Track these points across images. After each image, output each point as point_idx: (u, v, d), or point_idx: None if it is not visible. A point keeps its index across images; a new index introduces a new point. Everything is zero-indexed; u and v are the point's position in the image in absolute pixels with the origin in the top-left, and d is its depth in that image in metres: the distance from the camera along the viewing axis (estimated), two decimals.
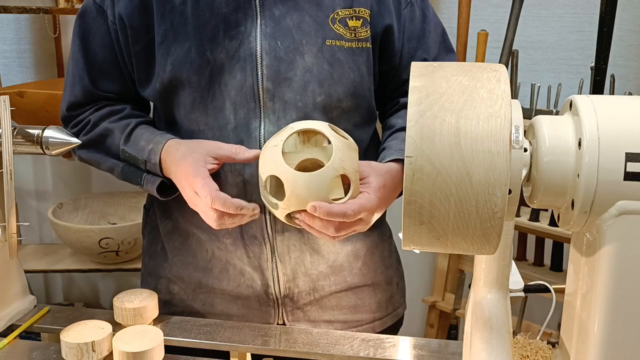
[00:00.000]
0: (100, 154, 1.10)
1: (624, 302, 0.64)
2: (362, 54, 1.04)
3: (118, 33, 1.05)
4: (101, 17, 1.06)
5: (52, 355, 0.97)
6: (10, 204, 0.92)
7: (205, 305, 1.14)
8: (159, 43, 1.03)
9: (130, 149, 1.05)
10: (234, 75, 1.01)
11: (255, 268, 1.09)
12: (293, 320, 1.13)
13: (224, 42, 1.00)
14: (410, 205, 0.59)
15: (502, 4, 2.11)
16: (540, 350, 0.90)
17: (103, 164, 1.10)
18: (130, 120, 1.09)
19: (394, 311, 1.22)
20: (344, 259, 1.13)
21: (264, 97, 1.01)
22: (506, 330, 0.78)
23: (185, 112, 1.05)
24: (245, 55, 1.00)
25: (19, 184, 2.40)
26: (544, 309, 2.03)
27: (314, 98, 1.02)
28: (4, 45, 2.35)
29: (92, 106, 1.12)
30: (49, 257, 2.18)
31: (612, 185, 0.61)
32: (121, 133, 1.07)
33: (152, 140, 1.04)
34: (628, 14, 1.98)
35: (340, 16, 1.03)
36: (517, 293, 0.89)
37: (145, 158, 1.03)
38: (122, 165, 1.07)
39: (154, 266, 1.19)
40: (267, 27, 1.01)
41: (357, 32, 1.03)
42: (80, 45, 1.09)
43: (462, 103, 0.59)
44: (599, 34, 1.50)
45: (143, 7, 1.03)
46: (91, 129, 1.10)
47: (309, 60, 1.01)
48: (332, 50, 1.02)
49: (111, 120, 1.09)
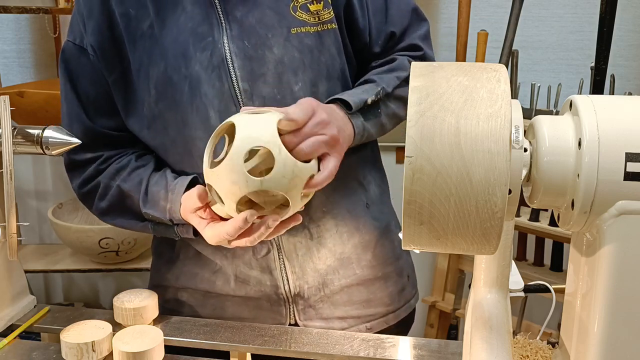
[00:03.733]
0: (126, 219, 1.10)
1: (624, 302, 0.64)
2: (330, 35, 1.05)
3: (100, 64, 1.05)
4: (83, 56, 1.05)
5: (52, 355, 0.97)
6: (10, 204, 0.92)
7: (216, 310, 1.14)
8: (136, 70, 1.03)
9: (152, 211, 1.05)
10: (212, 84, 1.01)
11: (263, 269, 1.09)
12: (305, 318, 1.13)
13: (196, 55, 1.01)
14: (410, 205, 0.59)
15: (502, 4, 2.11)
16: (540, 350, 0.90)
17: (134, 227, 1.10)
18: (141, 177, 1.07)
19: (407, 303, 1.22)
20: (352, 251, 1.13)
21: (242, 98, 1.01)
22: (506, 330, 0.78)
23: (177, 131, 1.04)
24: (218, 62, 1.01)
25: (19, 184, 2.40)
26: (544, 309, 2.03)
27: (290, 88, 1.02)
28: (4, 45, 2.35)
29: (94, 156, 1.10)
30: (49, 257, 2.18)
31: (612, 185, 0.61)
32: (137, 194, 1.06)
33: (168, 199, 1.03)
34: (628, 14, 1.98)
35: (300, 3, 1.03)
36: (517, 293, 0.89)
37: (170, 217, 1.03)
38: (152, 225, 1.08)
39: (160, 278, 1.19)
40: (233, 31, 1.01)
41: (320, 15, 1.04)
42: (70, 86, 1.08)
43: (462, 103, 0.59)
44: (599, 34, 1.50)
45: (113, 38, 1.03)
46: (105, 192, 1.09)
47: (278, 53, 1.02)
48: (299, 37, 1.02)
49: (122, 179, 1.08)
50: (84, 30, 1.04)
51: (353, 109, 1.00)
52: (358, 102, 1.01)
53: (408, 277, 1.23)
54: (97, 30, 1.03)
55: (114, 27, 1.03)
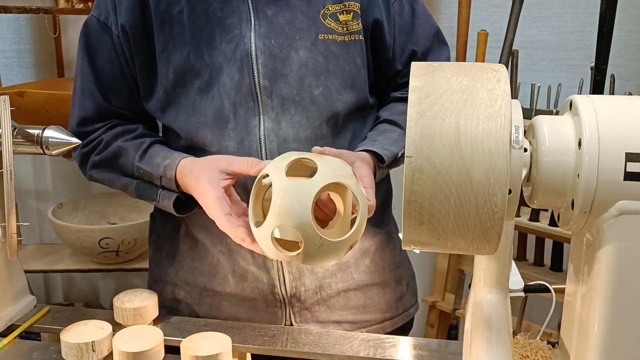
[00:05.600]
0: (114, 173, 1.09)
1: (624, 302, 0.64)
2: (356, 46, 1.06)
3: (123, 46, 1.06)
4: (105, 34, 1.07)
5: (52, 355, 0.97)
6: (10, 204, 0.92)
7: (212, 309, 1.14)
8: (159, 52, 1.04)
9: (145, 165, 1.05)
10: (232, 76, 1.02)
11: (260, 267, 1.09)
12: (301, 321, 1.13)
13: (221, 45, 1.02)
14: (410, 205, 0.59)
15: (502, 4, 2.11)
16: (540, 350, 0.90)
17: (116, 182, 1.09)
18: (144, 139, 1.09)
19: (405, 311, 1.22)
20: (351, 256, 1.13)
21: (261, 95, 1.03)
22: (506, 330, 0.78)
23: (186, 116, 1.05)
24: (242, 55, 1.02)
25: (19, 184, 2.40)
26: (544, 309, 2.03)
27: (311, 91, 1.04)
28: (4, 45, 2.35)
29: (104, 124, 1.11)
30: (49, 257, 2.18)
31: (612, 185, 0.61)
32: (135, 151, 1.07)
33: (168, 157, 1.04)
34: (628, 14, 1.98)
35: (330, 11, 1.05)
36: (517, 293, 0.89)
37: (161, 173, 1.03)
38: (137, 182, 1.07)
39: (159, 273, 1.19)
40: (261, 28, 1.03)
41: (349, 25, 1.05)
42: (87, 60, 1.09)
43: (462, 103, 0.59)
44: (599, 34, 1.50)
45: (144, 19, 1.04)
46: (104, 148, 1.09)
47: (303, 55, 1.03)
48: (326, 44, 1.04)
49: (125, 139, 1.09)
50: (114, 9, 1.05)
51: (385, 163, 1.03)
52: (390, 156, 1.04)
53: (407, 286, 1.23)
54: (129, 10, 1.04)
55: (146, 7, 1.04)
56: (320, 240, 0.82)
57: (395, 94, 1.16)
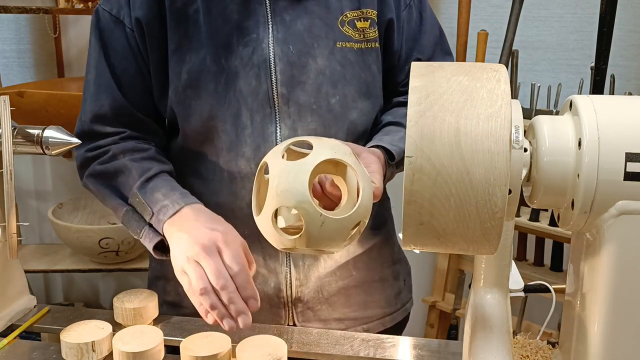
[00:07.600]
0: (109, 190, 1.05)
1: (624, 302, 0.64)
2: (372, 53, 1.06)
3: (137, 41, 1.03)
4: (118, 29, 1.04)
5: (52, 355, 0.97)
6: (10, 204, 0.92)
7: None
8: (172, 51, 1.02)
9: (144, 195, 0.99)
10: (249, 82, 1.01)
11: (270, 270, 1.09)
12: (304, 320, 1.13)
13: (238, 49, 1.01)
14: (410, 205, 0.59)
15: (502, 4, 2.11)
16: (540, 350, 0.90)
17: (108, 200, 1.05)
18: (152, 165, 1.03)
19: (403, 307, 1.23)
20: (349, 254, 1.13)
21: (279, 102, 1.02)
22: (506, 330, 0.78)
23: (201, 120, 1.03)
24: (259, 61, 1.01)
25: (19, 184, 2.40)
26: (544, 309, 2.03)
27: (328, 100, 1.03)
28: (4, 45, 2.35)
29: (117, 131, 1.07)
30: (49, 257, 2.18)
31: (612, 185, 0.61)
32: (139, 175, 1.02)
33: (169, 196, 0.98)
34: (628, 14, 1.98)
35: (349, 18, 1.04)
36: (517, 293, 0.89)
37: (155, 211, 0.98)
38: (127, 210, 1.01)
39: (161, 269, 1.18)
40: (279, 33, 1.01)
41: (366, 32, 1.05)
42: (103, 55, 1.05)
43: (462, 103, 0.59)
44: (599, 34, 1.50)
45: (159, 16, 1.02)
46: (109, 159, 1.05)
47: (321, 63, 1.02)
48: (343, 51, 1.03)
49: (133, 158, 1.04)
50: (127, 2, 1.03)
51: (395, 159, 1.01)
52: (399, 152, 1.01)
53: (404, 281, 1.24)
54: (145, 3, 1.02)
55: (161, 4, 1.02)
56: (321, 217, 0.79)
57: (399, 98, 1.16)
